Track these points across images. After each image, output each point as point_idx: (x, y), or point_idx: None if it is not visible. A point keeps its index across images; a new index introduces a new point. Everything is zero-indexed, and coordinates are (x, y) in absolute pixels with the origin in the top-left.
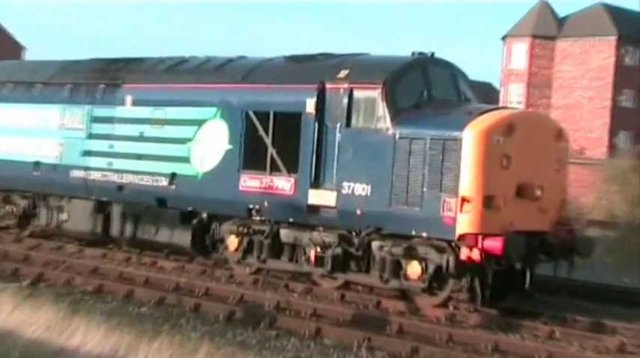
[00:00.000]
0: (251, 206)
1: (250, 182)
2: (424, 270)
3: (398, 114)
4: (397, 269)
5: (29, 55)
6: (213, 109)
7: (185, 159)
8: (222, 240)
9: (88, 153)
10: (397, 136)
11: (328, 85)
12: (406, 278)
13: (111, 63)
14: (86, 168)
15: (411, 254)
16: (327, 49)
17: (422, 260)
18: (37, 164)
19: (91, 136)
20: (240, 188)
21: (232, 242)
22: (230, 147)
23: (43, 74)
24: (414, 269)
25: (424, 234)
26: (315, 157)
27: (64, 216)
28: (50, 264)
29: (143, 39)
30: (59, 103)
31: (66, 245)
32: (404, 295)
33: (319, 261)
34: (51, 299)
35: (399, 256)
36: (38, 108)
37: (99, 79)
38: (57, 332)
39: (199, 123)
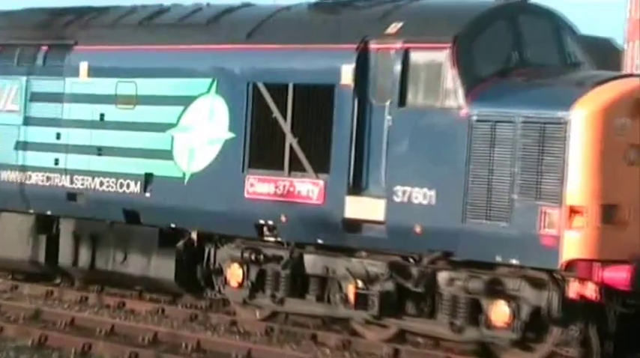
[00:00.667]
0: (261, 221)
1: (260, 186)
2: (515, 314)
3: (475, 86)
4: (475, 313)
5: None
6: (206, 81)
7: (165, 154)
8: (221, 271)
9: (24, 146)
10: (474, 118)
11: (373, 45)
12: (489, 325)
13: (57, 15)
14: (22, 168)
15: (495, 290)
16: None
17: (511, 299)
18: None
19: (28, 121)
20: (246, 195)
21: (235, 274)
22: (231, 135)
23: None
24: (499, 312)
25: (514, 261)
26: (355, 150)
27: None
28: None
29: None
30: None
31: None
32: (485, 350)
33: (361, 300)
34: None
35: (477, 294)
36: None
37: (40, 39)
38: None
39: (186, 101)
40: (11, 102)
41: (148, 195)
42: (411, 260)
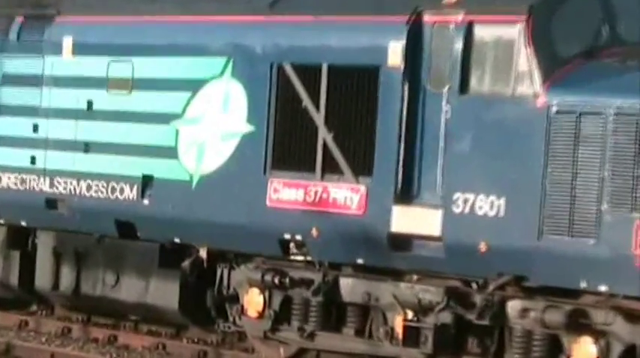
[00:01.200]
0: (288, 236)
1: (286, 193)
2: (603, 354)
3: (555, 70)
4: (554, 353)
5: None
6: (220, 61)
7: (168, 152)
8: (236, 298)
9: None
10: (554, 109)
11: (428, 17)
12: None
13: None
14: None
15: (578, 324)
16: None
17: (599, 335)
18: None
19: None
20: (269, 203)
21: (254, 301)
22: (250, 129)
23: None
24: (584, 351)
25: (603, 288)
26: (404, 147)
27: None
28: None
29: None
30: None
31: None
32: None
33: (411, 335)
34: None
35: (557, 328)
36: None
37: (14, 8)
38: None
39: (194, 86)
40: None
41: (146, 202)
42: (474, 285)
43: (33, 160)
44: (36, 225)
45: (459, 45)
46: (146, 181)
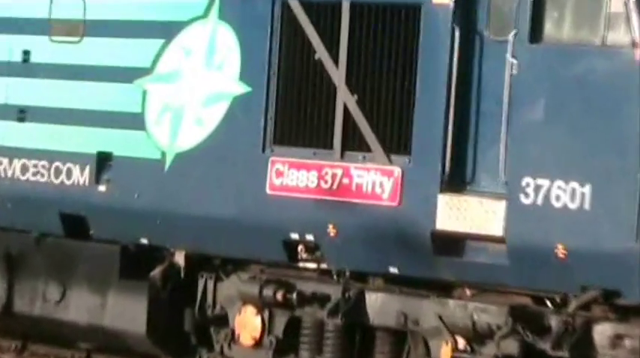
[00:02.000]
0: (295, 236)
1: (293, 176)
2: None
3: None
4: None
5: None
6: None
7: (133, 121)
8: (225, 320)
9: None
10: None
11: None
12: None
13: None
14: None
15: None
16: None
17: None
18: None
19: None
20: (269, 191)
21: (249, 324)
22: (244, 89)
23: None
24: None
25: None
26: (454, 114)
27: None
28: None
29: None
30: None
31: None
32: None
33: None
34: None
35: None
36: None
37: None
38: None
39: (168, 31)
40: None
41: (102, 188)
42: (549, 303)
43: None
44: None
45: None
46: (102, 160)
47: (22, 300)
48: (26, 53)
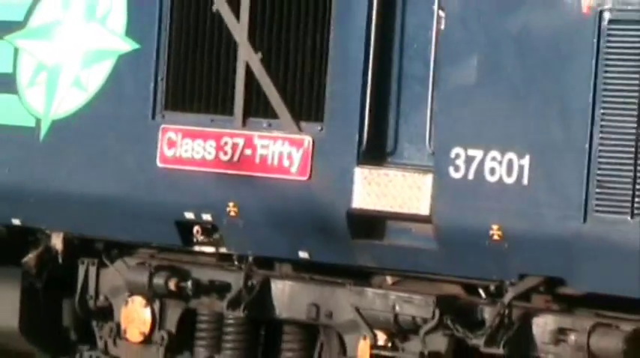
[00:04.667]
0: (189, 215)
1: (188, 146)
2: None
3: None
4: None
5: None
6: None
7: (2, 83)
8: (110, 312)
9: None
10: (606, 16)
11: None
12: None
13: None
14: None
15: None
16: None
17: None
18: None
19: None
20: (160, 163)
21: (138, 317)
22: (131, 46)
23: None
24: None
25: None
26: (374, 75)
27: None
28: None
29: None
30: None
31: None
32: None
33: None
34: None
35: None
36: None
37: None
38: None
39: None
40: None
41: None
42: (482, 292)
43: None
44: None
45: None
46: None
47: None
48: None
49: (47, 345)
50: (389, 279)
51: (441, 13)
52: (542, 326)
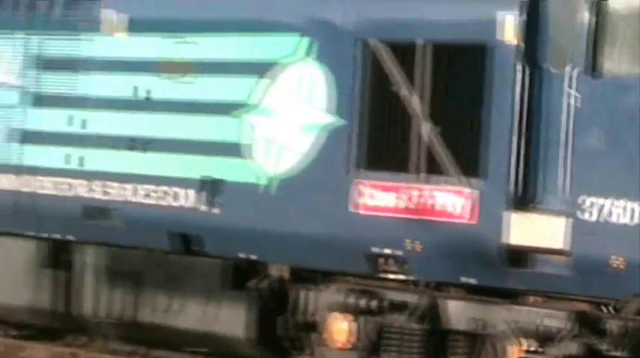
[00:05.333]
0: (379, 250)
1: (377, 197)
2: None
3: None
4: None
5: None
6: (296, 39)
7: (235, 150)
8: (317, 326)
9: (24, 138)
10: None
11: None
12: None
13: None
14: (22, 171)
15: None
16: None
17: None
18: None
19: (34, 101)
20: (354, 209)
21: (339, 330)
22: (331, 120)
23: None
24: None
25: None
26: (521, 141)
27: None
28: None
29: None
30: None
31: None
32: None
33: None
34: None
35: None
36: None
37: None
38: None
39: (267, 70)
40: (6, 71)
41: (208, 210)
42: (608, 309)
43: (69, 160)
44: (74, 239)
45: (586, 15)
46: (208, 185)
47: (138, 310)
48: (140, 90)
49: (269, 351)
50: (536, 299)
51: (573, 92)
52: None
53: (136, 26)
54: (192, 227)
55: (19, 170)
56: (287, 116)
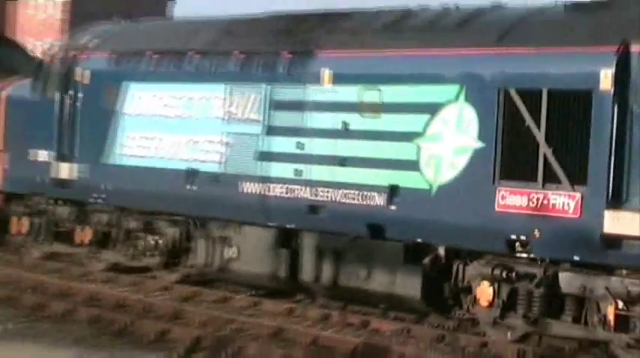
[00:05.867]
0: (514, 236)
1: (512, 199)
2: None
3: None
4: None
5: (178, 10)
6: (454, 87)
7: (411, 165)
8: (469, 290)
9: (265, 157)
10: None
11: (635, 47)
12: None
13: (299, 20)
14: (263, 180)
15: None
16: None
17: None
18: (190, 174)
19: (270, 131)
20: (497, 208)
21: (485, 292)
22: (481, 145)
23: (199, 38)
24: None
25: None
26: (615, 160)
27: (231, 252)
28: (211, 325)
29: None
30: (222, 82)
31: (234, 295)
32: None
33: (622, 322)
34: None
35: None
36: (190, 90)
37: (281, 45)
38: None
39: (433, 109)
40: (252, 111)
41: (393, 208)
42: None
43: (297, 173)
44: (301, 227)
45: None
46: (392, 190)
47: (344, 277)
48: (345, 124)
49: (436, 308)
50: (624, 271)
51: None
52: None
53: (339, 79)
54: (377, 219)
55: (260, 179)
56: (447, 142)
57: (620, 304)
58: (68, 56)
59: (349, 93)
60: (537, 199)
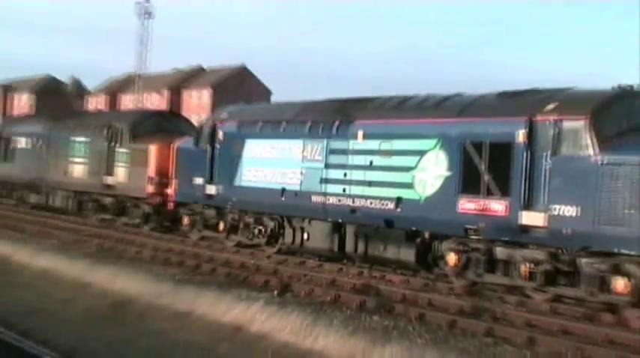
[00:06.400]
0: (468, 226)
1: (467, 204)
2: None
3: (603, 143)
4: (604, 284)
5: (275, 98)
6: (434, 141)
7: (409, 185)
8: (443, 257)
9: (325, 181)
10: (603, 162)
11: (537, 117)
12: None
13: (344, 102)
14: (324, 194)
15: (617, 270)
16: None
17: (629, 276)
18: (283, 191)
19: (327, 166)
20: (459, 210)
21: (452, 258)
22: (449, 173)
23: (287, 113)
24: (620, 283)
25: (630, 252)
26: (526, 182)
27: (305, 236)
28: (294, 277)
29: (371, 79)
30: (301, 138)
31: (307, 260)
32: (613, 308)
33: (531, 275)
34: (296, 308)
35: (605, 272)
36: (283, 143)
37: (334, 116)
38: (302, 336)
39: (421, 153)
40: (317, 155)
41: (399, 210)
42: (562, 251)
43: (344, 190)
44: (345, 221)
45: (553, 131)
46: (398, 200)
47: (371, 250)
48: (371, 161)
49: (424, 268)
50: (532, 247)
51: (548, 162)
52: (583, 260)
53: (368, 136)
54: (390, 217)
55: (323, 194)
56: (430, 172)
57: (530, 265)
58: (213, 124)
59: (373, 144)
60: (482, 204)
